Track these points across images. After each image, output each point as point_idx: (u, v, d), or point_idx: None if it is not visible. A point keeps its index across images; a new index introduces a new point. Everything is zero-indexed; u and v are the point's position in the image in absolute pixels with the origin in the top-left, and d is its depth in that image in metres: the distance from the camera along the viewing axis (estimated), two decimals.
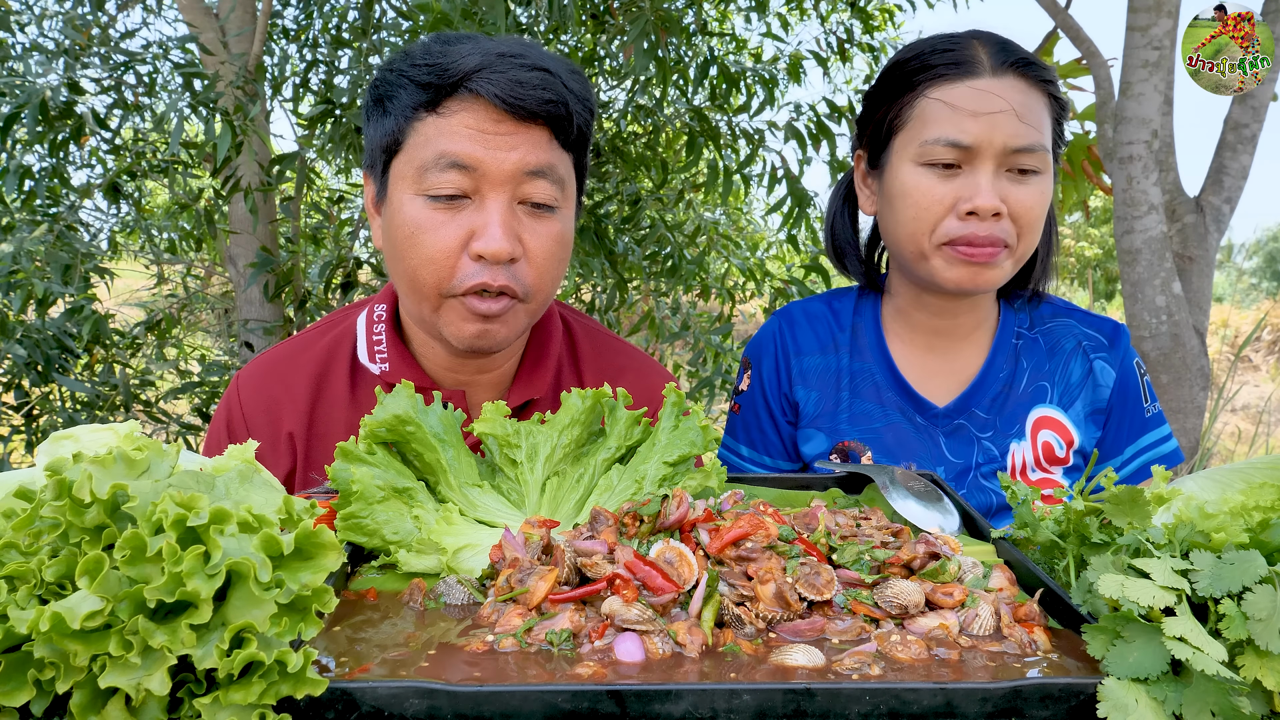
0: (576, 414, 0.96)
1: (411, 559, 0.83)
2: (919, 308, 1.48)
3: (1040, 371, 1.47)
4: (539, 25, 3.25)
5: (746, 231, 5.61)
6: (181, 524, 0.57)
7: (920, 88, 1.34)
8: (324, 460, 1.29)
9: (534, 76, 1.13)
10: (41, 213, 2.98)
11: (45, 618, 0.52)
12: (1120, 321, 1.53)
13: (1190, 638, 0.59)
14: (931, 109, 1.33)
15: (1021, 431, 1.44)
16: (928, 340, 1.49)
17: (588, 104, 1.21)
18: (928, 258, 1.35)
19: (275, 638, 0.56)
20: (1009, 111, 1.29)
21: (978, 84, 1.30)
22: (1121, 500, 0.76)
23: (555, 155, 1.17)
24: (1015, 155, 1.29)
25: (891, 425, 1.47)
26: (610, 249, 3.60)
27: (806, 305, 1.60)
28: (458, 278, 1.15)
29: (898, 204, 1.37)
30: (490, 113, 1.13)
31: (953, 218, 1.31)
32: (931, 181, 1.32)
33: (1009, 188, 1.31)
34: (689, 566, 0.72)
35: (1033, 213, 1.32)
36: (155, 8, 3.67)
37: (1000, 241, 1.31)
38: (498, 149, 1.13)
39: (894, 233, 1.41)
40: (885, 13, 4.61)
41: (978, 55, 1.33)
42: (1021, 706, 0.59)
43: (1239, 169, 2.87)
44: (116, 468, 0.64)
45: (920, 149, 1.33)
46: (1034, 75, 1.32)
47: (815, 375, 1.53)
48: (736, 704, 0.58)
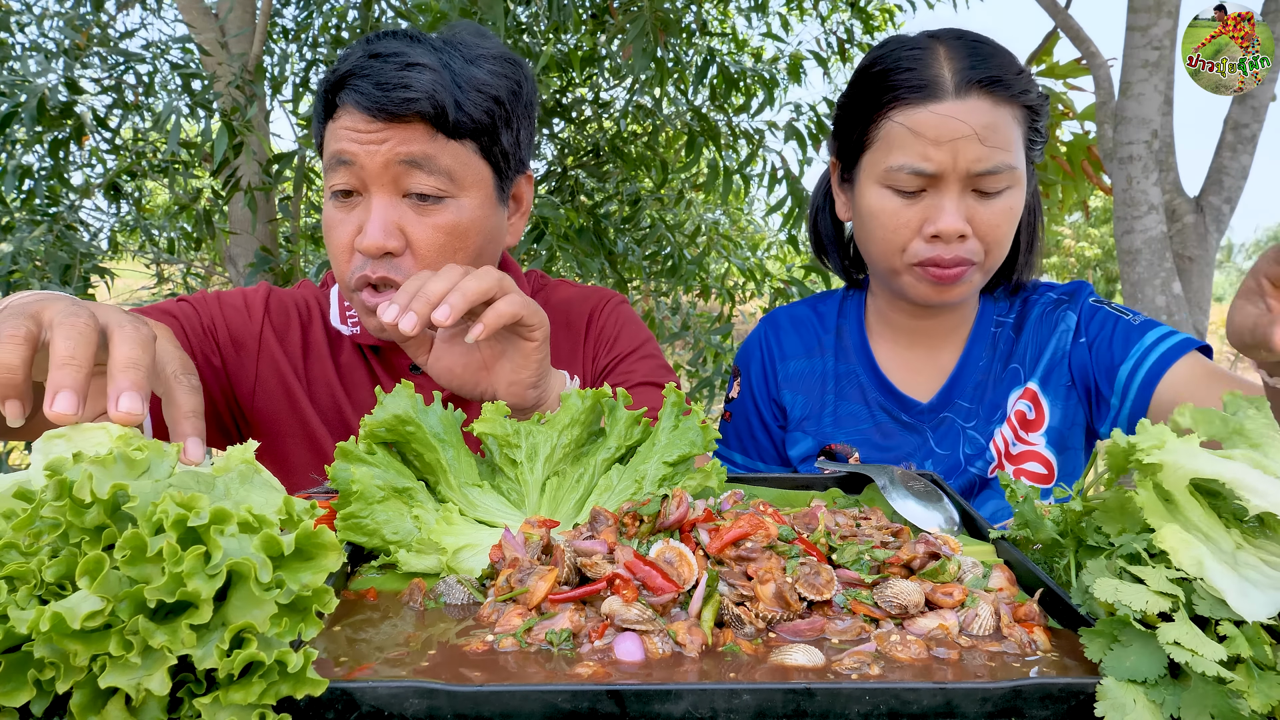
0: (576, 414, 0.96)
1: (411, 559, 0.83)
2: (897, 310, 1.49)
3: (1012, 352, 1.47)
4: (539, 25, 3.26)
5: (747, 231, 5.61)
6: (182, 524, 0.57)
7: (885, 109, 1.33)
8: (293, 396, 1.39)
9: (398, 76, 1.19)
10: (41, 212, 2.98)
11: (45, 618, 0.52)
12: (1085, 280, 1.53)
13: (1186, 641, 0.59)
14: (895, 133, 1.32)
15: (1004, 416, 1.45)
16: (908, 339, 1.50)
17: (487, 90, 1.24)
18: (899, 274, 1.37)
19: (275, 638, 0.57)
20: (972, 136, 1.27)
21: (940, 109, 1.29)
22: (1110, 506, 0.76)
23: (435, 146, 1.21)
24: (979, 178, 1.29)
25: (878, 425, 1.49)
26: (610, 249, 3.60)
27: (791, 310, 1.62)
28: (348, 272, 1.25)
29: (867, 224, 1.38)
30: (361, 115, 1.20)
31: (919, 240, 1.32)
32: (897, 205, 1.33)
33: (975, 207, 1.31)
34: (689, 566, 0.72)
35: (999, 230, 1.32)
36: (155, 8, 3.67)
37: (966, 261, 1.32)
38: (370, 144, 1.20)
39: (866, 248, 1.43)
40: (885, 13, 4.61)
41: (940, 75, 1.30)
42: (1021, 706, 0.59)
43: (1239, 169, 2.88)
44: (117, 468, 0.64)
45: (885, 174, 1.33)
46: (1001, 92, 1.30)
47: (800, 379, 1.54)
48: (736, 704, 0.58)
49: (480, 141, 1.26)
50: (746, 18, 4.41)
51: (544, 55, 3.20)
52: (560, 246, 3.35)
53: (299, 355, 1.42)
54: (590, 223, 3.57)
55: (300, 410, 1.40)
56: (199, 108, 2.75)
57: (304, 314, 1.44)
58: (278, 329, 1.41)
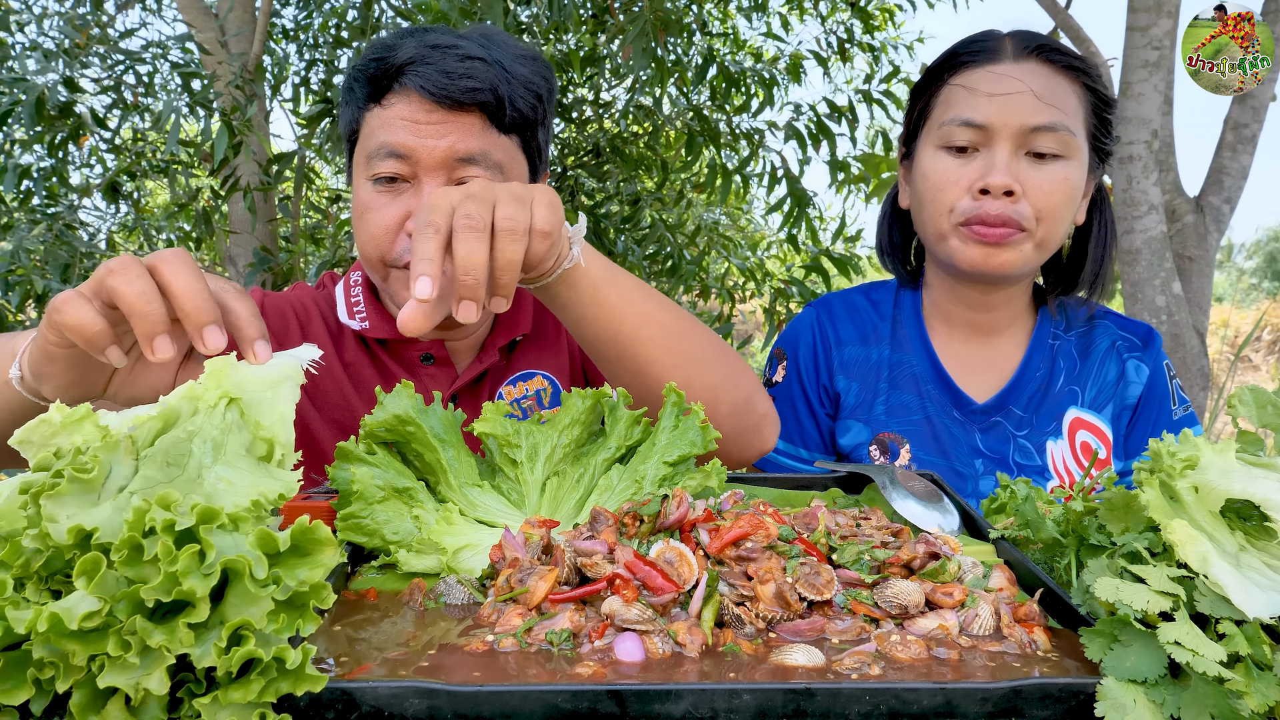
0: (576, 414, 0.96)
1: (411, 559, 0.83)
2: (954, 300, 1.48)
3: (1073, 374, 1.47)
4: (539, 25, 3.25)
5: (747, 231, 5.62)
6: (171, 527, 0.57)
7: (946, 77, 1.38)
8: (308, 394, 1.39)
9: (462, 66, 1.22)
10: (40, 212, 2.98)
11: (43, 618, 0.52)
12: (1155, 329, 1.53)
13: (1187, 641, 0.59)
14: (953, 94, 1.36)
15: (1058, 430, 1.44)
16: (965, 334, 1.50)
17: (532, 87, 1.28)
18: (946, 238, 1.36)
19: (273, 634, 0.56)
20: (1026, 92, 1.30)
21: (997, 68, 1.33)
22: (1115, 505, 0.76)
23: (490, 141, 1.25)
24: (1033, 135, 1.29)
25: (929, 418, 1.47)
26: (610, 249, 3.60)
27: (845, 296, 1.60)
28: (396, 251, 1.26)
29: (920, 187, 1.39)
30: (422, 103, 1.22)
31: (968, 197, 1.32)
32: (949, 164, 1.34)
33: (1026, 170, 1.31)
34: (689, 566, 0.72)
35: (1052, 197, 1.31)
36: (154, 7, 3.67)
37: (1013, 222, 1.30)
38: (429, 137, 1.22)
39: (917, 216, 1.43)
40: (885, 13, 4.60)
41: (1002, 44, 1.35)
42: (1021, 706, 0.59)
43: (1239, 169, 2.88)
44: (70, 497, 0.61)
45: (940, 132, 1.35)
46: (1060, 61, 1.33)
47: (856, 366, 1.52)
48: (736, 704, 0.58)
49: (524, 136, 1.30)
50: (747, 17, 4.41)
51: (544, 55, 3.20)
52: None
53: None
54: (590, 223, 3.57)
55: (301, 413, 1.37)
56: (199, 106, 2.75)
57: (301, 315, 1.44)
58: (276, 333, 1.41)
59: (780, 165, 3.50)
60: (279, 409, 0.75)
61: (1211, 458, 0.70)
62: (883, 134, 4.17)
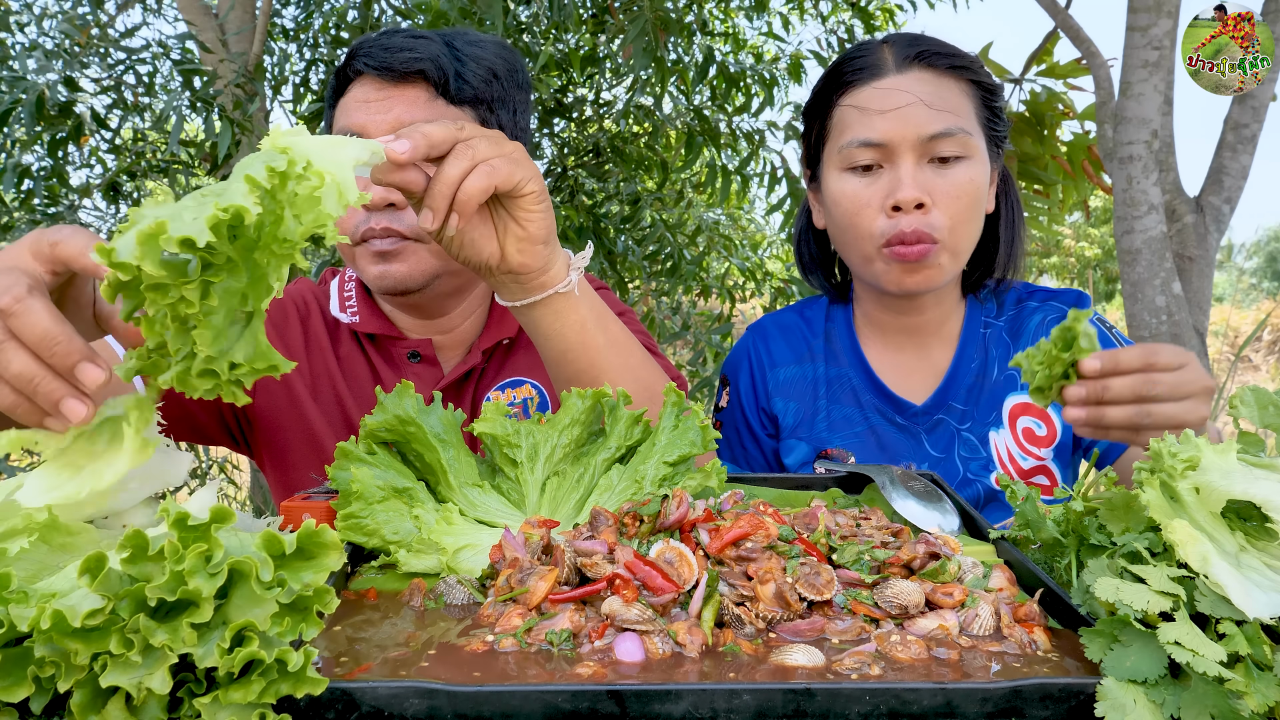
0: (576, 414, 0.96)
1: (411, 559, 0.83)
2: (882, 309, 1.49)
3: (1008, 359, 1.47)
4: (539, 25, 3.26)
5: (747, 232, 5.61)
6: (183, 522, 0.57)
7: (835, 98, 1.38)
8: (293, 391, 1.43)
9: (403, 42, 1.29)
10: (40, 212, 2.97)
11: (46, 615, 0.52)
12: (1085, 291, 1.53)
13: (1187, 641, 0.59)
14: (845, 116, 1.36)
15: (999, 420, 1.44)
16: (898, 340, 1.50)
17: (485, 62, 1.34)
18: (871, 261, 1.37)
19: (276, 637, 0.57)
20: (916, 103, 1.30)
21: (882, 84, 1.33)
22: (1115, 505, 0.76)
23: (437, 111, 1.30)
24: (932, 143, 1.30)
25: (873, 428, 1.48)
26: (610, 249, 3.60)
27: (778, 317, 1.61)
28: (352, 226, 1.30)
29: (833, 212, 1.40)
30: (372, 84, 1.30)
31: (882, 216, 1.33)
32: (857, 185, 1.34)
33: (932, 178, 1.31)
34: (689, 566, 0.72)
35: (960, 201, 1.31)
36: (155, 7, 3.67)
37: (929, 237, 1.31)
38: (377, 113, 1.28)
39: (838, 239, 1.43)
40: (886, 12, 4.60)
41: (883, 57, 1.35)
42: (1021, 706, 0.59)
43: (1239, 169, 2.87)
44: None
45: (840, 155, 1.35)
46: (942, 64, 1.33)
47: (792, 385, 1.53)
48: (736, 704, 0.58)
49: (479, 111, 1.34)
50: (747, 17, 4.40)
51: (544, 55, 3.20)
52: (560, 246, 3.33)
53: (300, 348, 1.45)
54: (590, 222, 3.57)
55: (299, 404, 1.42)
56: (200, 102, 2.75)
57: (302, 309, 1.48)
58: (276, 325, 1.45)
59: (780, 165, 3.50)
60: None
61: (1212, 458, 0.70)
62: None
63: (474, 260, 1.03)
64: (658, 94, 3.48)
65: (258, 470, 3.74)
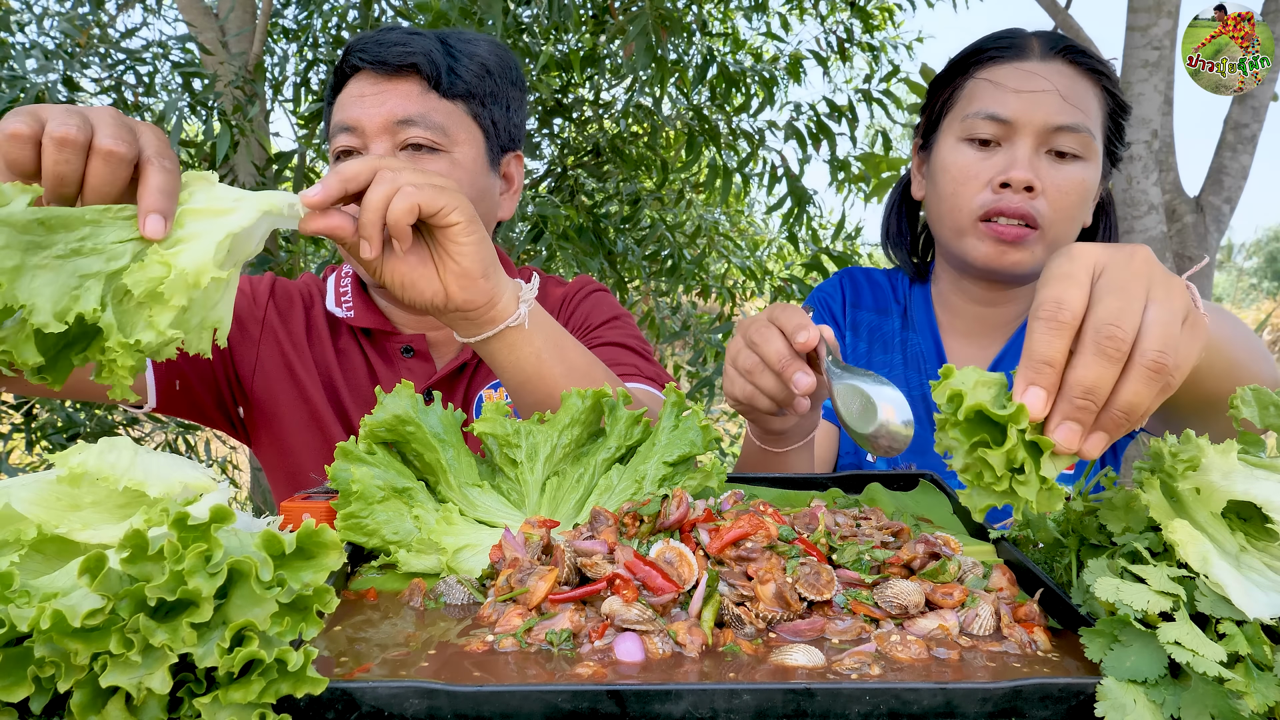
0: (576, 414, 0.96)
1: (411, 559, 0.83)
2: (959, 293, 1.49)
3: None
4: (539, 25, 3.26)
5: (748, 233, 5.61)
6: (183, 522, 0.57)
7: (971, 70, 1.39)
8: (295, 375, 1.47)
9: (397, 38, 1.34)
10: None
11: (46, 615, 0.52)
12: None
13: (1187, 641, 0.59)
14: (978, 87, 1.37)
15: None
16: (966, 326, 1.52)
17: (478, 59, 1.39)
18: (964, 233, 1.37)
19: (276, 636, 0.56)
20: (1052, 91, 1.31)
21: (1024, 65, 1.34)
22: (1116, 505, 0.76)
23: (429, 104, 1.34)
24: (1056, 135, 1.31)
25: (924, 396, 1.50)
26: (610, 249, 3.60)
27: (869, 272, 1.65)
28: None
29: (939, 179, 1.40)
30: (367, 79, 1.35)
31: (988, 191, 1.33)
32: (971, 156, 1.35)
33: (1046, 168, 1.32)
34: (689, 566, 0.72)
35: (1069, 196, 1.32)
36: (155, 7, 3.67)
37: (1031, 218, 1.31)
38: (371, 106, 1.33)
39: (935, 208, 1.44)
40: (885, 12, 4.60)
41: (1029, 42, 1.37)
42: (1021, 706, 0.59)
43: (1239, 169, 2.87)
44: None
45: (963, 124, 1.36)
46: (1085, 64, 1.35)
47: (866, 330, 1.57)
48: (736, 704, 0.58)
49: (471, 105, 1.38)
50: (747, 17, 4.40)
51: (544, 55, 3.20)
52: (560, 246, 3.35)
53: (302, 336, 1.48)
54: (590, 222, 3.57)
55: (301, 388, 1.46)
56: (199, 105, 2.75)
57: (306, 299, 1.52)
58: (281, 312, 1.49)
59: (780, 165, 3.50)
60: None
61: (1213, 459, 0.70)
62: (883, 133, 4.17)
63: (420, 302, 1.01)
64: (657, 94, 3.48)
65: (258, 470, 3.74)
